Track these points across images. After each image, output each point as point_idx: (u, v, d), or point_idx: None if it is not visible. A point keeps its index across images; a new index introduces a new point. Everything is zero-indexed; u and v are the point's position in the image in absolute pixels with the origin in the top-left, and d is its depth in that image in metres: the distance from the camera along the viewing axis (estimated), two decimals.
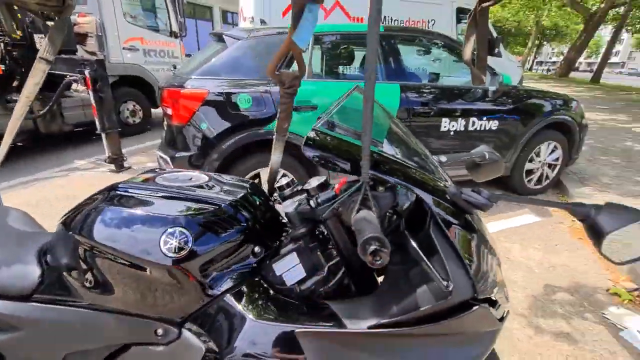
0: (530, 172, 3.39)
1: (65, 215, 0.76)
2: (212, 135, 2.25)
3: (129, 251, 0.64)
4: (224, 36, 2.45)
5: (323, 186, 0.73)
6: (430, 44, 3.28)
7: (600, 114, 7.62)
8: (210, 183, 0.81)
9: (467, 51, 1.15)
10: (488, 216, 2.92)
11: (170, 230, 0.64)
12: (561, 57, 27.69)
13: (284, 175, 2.53)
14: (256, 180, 2.48)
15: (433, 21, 5.75)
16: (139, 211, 0.67)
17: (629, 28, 21.57)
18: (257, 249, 0.72)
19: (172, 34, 5.72)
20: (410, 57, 3.20)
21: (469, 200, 0.62)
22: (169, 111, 2.29)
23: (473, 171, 0.99)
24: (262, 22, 3.00)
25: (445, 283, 0.57)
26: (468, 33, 1.14)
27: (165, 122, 2.54)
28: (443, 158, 0.94)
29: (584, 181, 3.66)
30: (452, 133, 2.83)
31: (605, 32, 26.71)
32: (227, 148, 2.29)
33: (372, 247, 0.48)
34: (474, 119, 2.89)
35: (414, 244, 0.64)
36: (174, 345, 0.67)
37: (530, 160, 3.33)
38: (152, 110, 5.83)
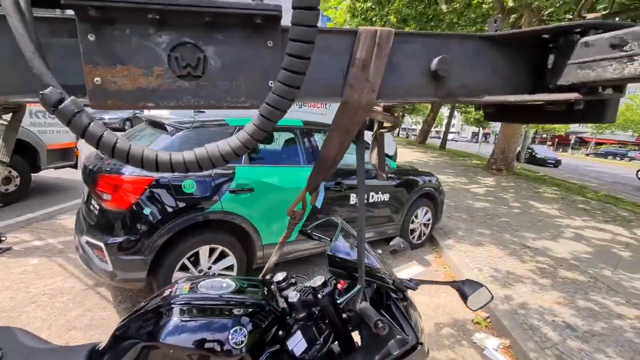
0: (412, 231, 4.39)
1: (121, 325, 0.94)
2: (155, 219, 2.34)
3: (203, 347, 0.89)
4: (165, 125, 2.66)
5: (325, 284, 1.12)
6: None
7: (450, 177, 10.06)
8: (238, 286, 1.10)
9: (373, 157, 1.78)
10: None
11: (233, 329, 0.92)
12: (419, 125, 35.04)
13: (222, 256, 2.71)
14: (192, 259, 2.60)
15: (329, 104, 6.97)
16: (206, 318, 0.93)
17: (458, 109, 29.45)
18: (280, 331, 1.05)
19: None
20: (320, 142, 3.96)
21: (406, 286, 1.12)
22: (106, 196, 2.30)
23: (392, 254, 1.55)
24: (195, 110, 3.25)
25: (405, 336, 1.03)
26: (373, 146, 1.78)
27: (92, 206, 2.47)
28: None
29: (448, 234, 4.88)
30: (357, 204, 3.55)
31: (444, 109, 35.51)
32: (169, 231, 2.39)
33: (380, 324, 0.90)
34: (373, 192, 3.72)
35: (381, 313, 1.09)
36: None
37: (412, 222, 4.34)
38: (33, 175, 5.06)
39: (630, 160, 33.04)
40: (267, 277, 1.27)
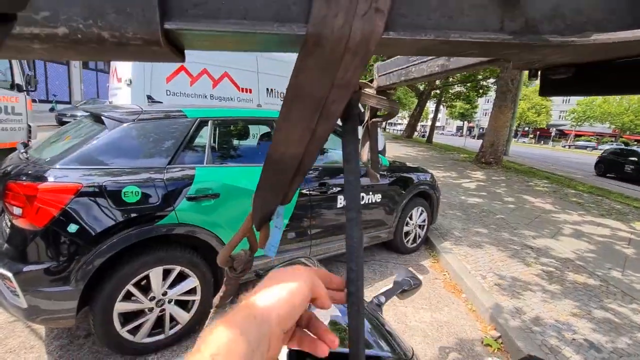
0: (407, 234, 3.96)
1: None
2: (85, 239, 1.80)
3: None
4: (103, 117, 2.11)
5: None
6: None
7: (439, 172, 9.73)
8: None
9: (364, 155, 1.32)
10: (382, 283, 3.19)
11: None
12: (405, 120, 34.92)
13: (180, 277, 2.20)
14: (143, 282, 2.08)
15: None
16: None
17: (444, 103, 29.34)
18: None
19: (15, 86, 4.63)
20: None
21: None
22: (17, 211, 1.75)
23: (400, 295, 1.07)
24: (149, 98, 2.72)
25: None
26: (363, 140, 1.32)
27: (5, 223, 1.91)
28: (382, 298, 0.99)
29: (444, 236, 4.49)
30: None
31: (430, 104, 35.33)
32: (105, 251, 1.86)
33: None
34: (363, 193, 3.25)
35: None
36: None
37: (407, 224, 3.90)
38: None
39: (592, 150, 40.22)
40: None
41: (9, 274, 1.71)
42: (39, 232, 1.74)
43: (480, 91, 20.28)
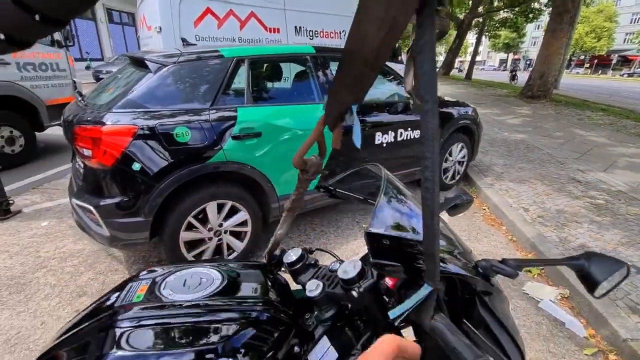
0: (446, 170, 3.90)
1: (43, 355, 0.59)
2: (147, 176, 1.98)
3: None
4: (146, 61, 2.17)
5: (361, 273, 0.71)
6: None
7: (480, 110, 9.12)
8: (225, 279, 0.72)
9: (408, 82, 1.28)
10: None
11: None
12: (441, 58, 32.18)
13: (232, 212, 2.38)
14: (200, 216, 2.29)
15: (344, 32, 6.08)
16: (167, 355, 0.56)
17: (487, 33, 26.36)
18: (296, 348, 0.68)
19: (55, 43, 4.79)
20: None
21: (499, 272, 0.68)
22: (87, 152, 1.94)
23: (451, 211, 1.10)
24: (184, 41, 2.71)
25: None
26: (407, 67, 1.28)
27: (78, 164, 2.14)
28: None
29: (484, 172, 4.37)
30: (384, 145, 3.06)
31: (469, 37, 32.00)
32: (166, 188, 2.05)
33: None
34: (401, 129, 3.18)
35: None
36: None
37: (445, 160, 3.83)
38: (37, 134, 4.83)
39: None
40: (274, 256, 0.88)
41: (91, 207, 1.96)
42: (109, 170, 1.94)
43: (531, 15, 17.88)
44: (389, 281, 0.71)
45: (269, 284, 0.75)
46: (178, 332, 0.59)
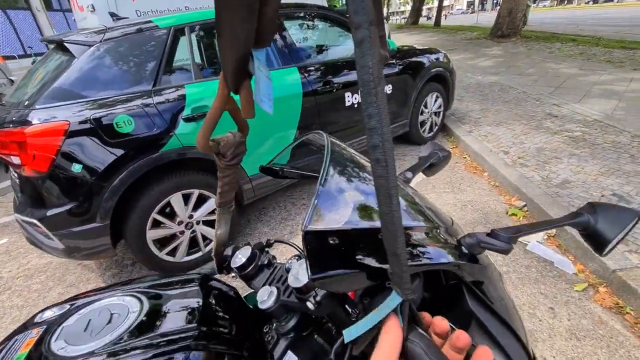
0: (422, 123, 3.77)
1: None
2: (93, 176, 1.75)
3: None
4: (66, 44, 1.86)
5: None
6: (310, 17, 3.15)
7: (453, 55, 8.88)
8: (141, 313, 0.55)
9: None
10: None
11: None
12: (408, 7, 30.99)
13: (201, 200, 2.20)
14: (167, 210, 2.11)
15: None
16: None
17: None
18: None
19: None
20: (296, 35, 3.04)
21: (489, 248, 0.55)
22: (15, 160, 1.68)
23: (428, 171, 0.96)
24: (113, 15, 2.34)
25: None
26: None
27: (12, 174, 1.88)
28: (409, 174, 0.87)
29: (462, 120, 4.26)
30: (356, 105, 2.86)
31: None
32: (118, 186, 1.83)
33: None
34: None
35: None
36: None
37: (421, 113, 3.68)
38: None
39: None
40: (224, 259, 0.72)
41: (35, 221, 1.74)
42: (46, 176, 1.70)
43: None
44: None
45: (212, 300, 0.60)
46: None
